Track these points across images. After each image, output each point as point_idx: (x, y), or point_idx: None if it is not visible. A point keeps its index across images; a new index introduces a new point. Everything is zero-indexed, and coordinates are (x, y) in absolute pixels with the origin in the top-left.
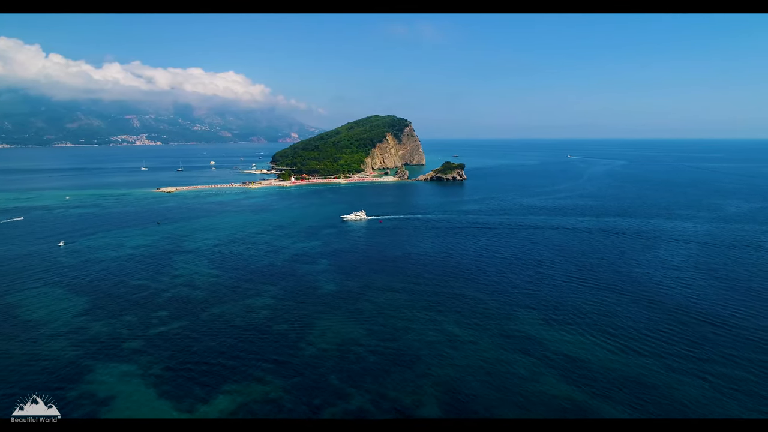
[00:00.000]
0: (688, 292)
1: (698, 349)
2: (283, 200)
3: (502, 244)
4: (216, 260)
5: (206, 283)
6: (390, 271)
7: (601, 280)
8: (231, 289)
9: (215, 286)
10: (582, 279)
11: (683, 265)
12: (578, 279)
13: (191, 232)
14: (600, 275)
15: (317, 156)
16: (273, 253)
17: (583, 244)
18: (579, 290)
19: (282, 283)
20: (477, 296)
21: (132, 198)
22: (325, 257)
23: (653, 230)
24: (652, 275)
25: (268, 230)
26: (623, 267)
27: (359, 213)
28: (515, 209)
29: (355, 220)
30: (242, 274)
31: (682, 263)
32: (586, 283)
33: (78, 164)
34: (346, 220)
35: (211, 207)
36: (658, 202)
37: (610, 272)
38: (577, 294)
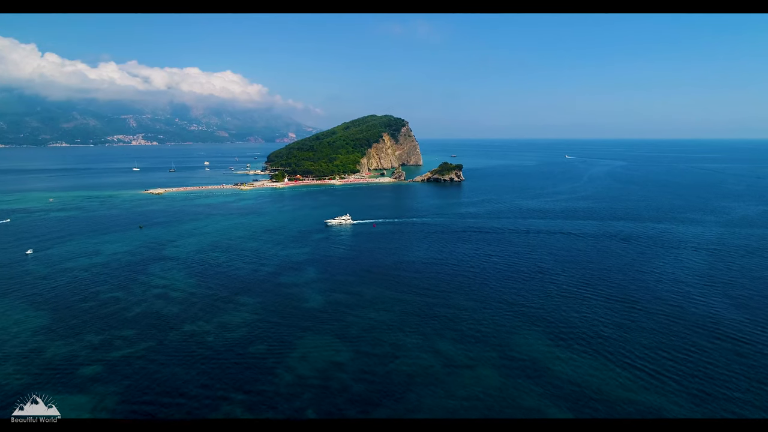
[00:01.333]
0: (705, 308)
1: (723, 378)
2: (275, 203)
3: (501, 250)
4: (196, 269)
5: (182, 295)
6: (381, 281)
7: (610, 293)
8: (207, 303)
9: (191, 299)
10: (589, 291)
11: (697, 277)
12: (585, 291)
13: (174, 237)
14: (608, 286)
15: (312, 156)
16: (257, 261)
17: (588, 250)
18: (586, 304)
19: (264, 295)
20: (475, 311)
21: (118, 200)
22: (312, 266)
23: (660, 235)
24: (665, 287)
25: (255, 235)
26: (632, 277)
27: (344, 217)
28: (515, 212)
29: (340, 225)
30: (222, 285)
31: (695, 274)
32: (593, 296)
33: (69, 164)
34: (331, 224)
35: (198, 210)
36: (663, 205)
37: (619, 283)
38: (585, 309)
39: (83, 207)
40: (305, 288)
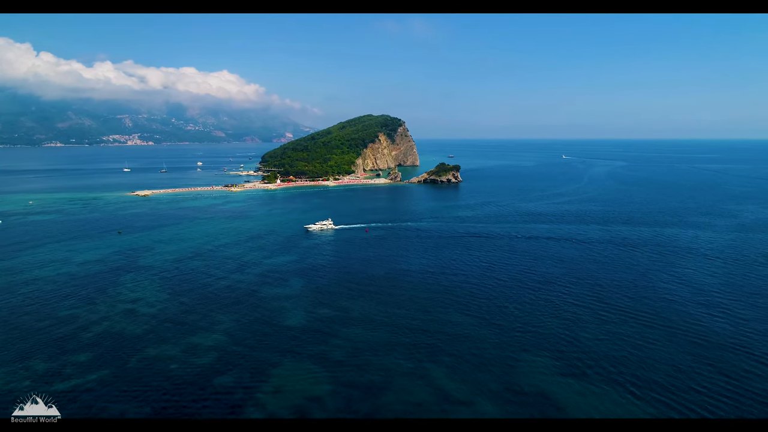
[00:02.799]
0: (730, 327)
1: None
2: (265, 205)
3: (502, 258)
4: (170, 280)
5: (150, 312)
6: (371, 295)
7: (623, 309)
8: (177, 322)
9: (160, 316)
10: (598, 307)
11: (716, 289)
12: (593, 307)
13: (153, 243)
14: (620, 301)
15: (306, 157)
16: (239, 270)
17: (595, 259)
18: (596, 322)
19: (241, 311)
20: (474, 331)
21: (102, 203)
22: (298, 276)
23: (670, 242)
24: (681, 301)
25: (240, 241)
26: (645, 291)
27: (325, 222)
28: (514, 216)
29: (321, 230)
30: (197, 299)
31: (714, 286)
32: (603, 312)
33: (59, 165)
34: (311, 230)
35: (184, 213)
36: (668, 208)
37: (632, 298)
38: (595, 328)
39: (64, 210)
40: (287, 302)
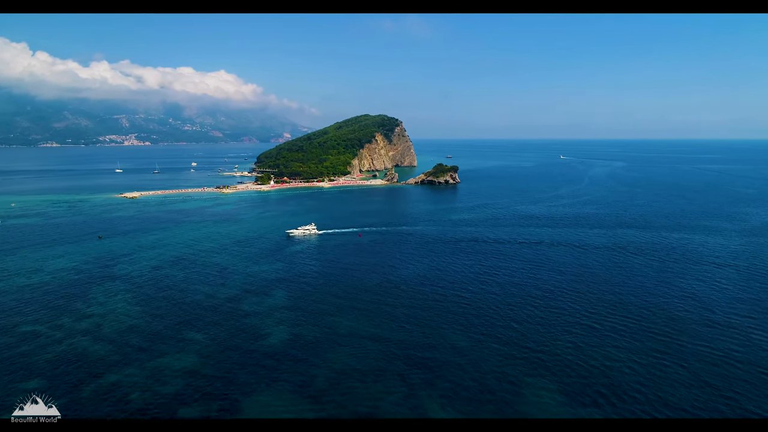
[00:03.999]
0: (753, 348)
1: None
2: (255, 208)
3: (502, 266)
4: (145, 292)
5: (118, 329)
6: (360, 309)
7: (635, 326)
8: (146, 341)
9: (128, 334)
10: (606, 324)
11: (733, 303)
12: (601, 324)
13: (133, 249)
14: (628, 318)
15: (301, 157)
16: (220, 280)
17: (601, 268)
18: (605, 342)
19: (218, 328)
20: (472, 352)
21: (87, 205)
22: (283, 286)
23: (678, 248)
24: (695, 319)
25: (225, 247)
26: (655, 306)
27: (308, 226)
28: (515, 219)
29: (303, 235)
30: (171, 314)
31: (731, 299)
32: (614, 330)
33: (51, 166)
34: (293, 235)
35: (170, 216)
36: (673, 211)
37: (642, 314)
38: (605, 349)
39: (46, 213)
40: (269, 318)
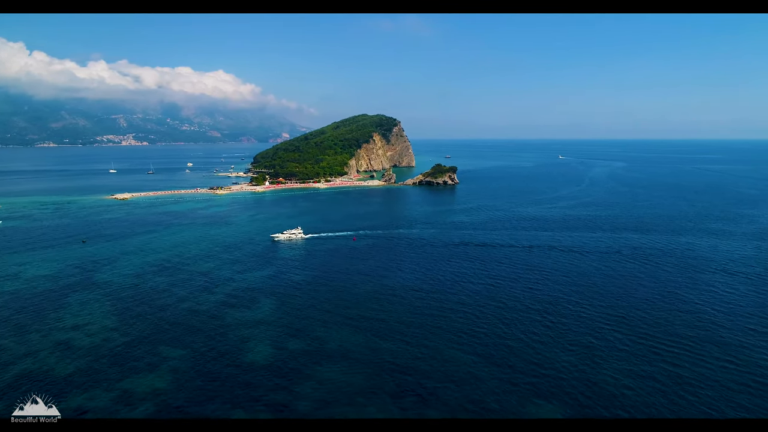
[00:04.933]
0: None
1: None
2: (248, 210)
3: (502, 274)
4: (124, 302)
5: (89, 344)
6: (351, 321)
7: (643, 341)
8: (118, 357)
9: (99, 350)
10: (616, 338)
11: (753, 318)
12: (610, 339)
13: (117, 255)
14: (639, 331)
15: (298, 158)
16: (205, 289)
17: (606, 274)
18: (615, 358)
19: (197, 343)
20: (470, 370)
21: (75, 207)
22: (270, 296)
23: (686, 253)
24: (711, 331)
25: (213, 253)
26: (667, 317)
27: (294, 231)
28: (515, 222)
29: (289, 240)
30: (149, 327)
31: (744, 309)
32: (622, 346)
33: (45, 166)
34: (278, 239)
35: (160, 219)
36: (678, 213)
37: (652, 326)
38: (616, 366)
39: (31, 215)
40: (253, 331)
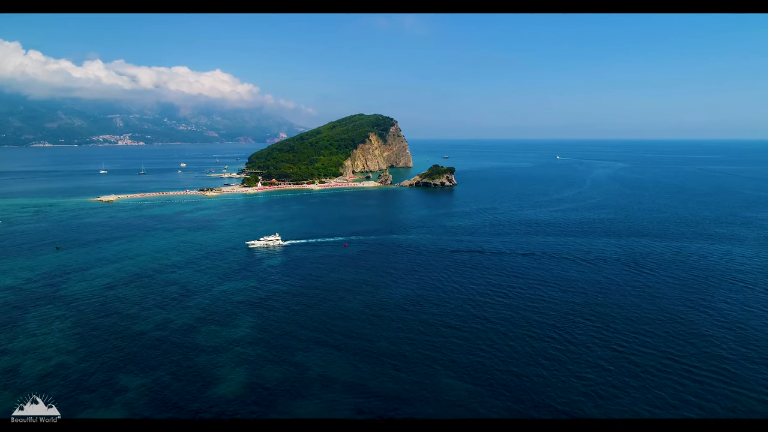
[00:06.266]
0: None
1: None
2: (236, 213)
3: (502, 286)
4: (88, 319)
5: (40, 370)
6: (337, 342)
7: (665, 372)
8: (68, 388)
9: (49, 379)
10: (630, 369)
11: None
12: (626, 370)
13: (91, 263)
14: (658, 361)
15: (292, 158)
16: (179, 302)
17: (615, 289)
18: (633, 395)
19: (161, 369)
20: (468, 403)
21: (57, 210)
22: (250, 311)
23: (700, 261)
24: (735, 362)
25: (193, 260)
26: (687, 340)
27: (271, 237)
28: (515, 226)
29: (266, 248)
30: (109, 349)
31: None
32: (633, 374)
33: (36, 167)
34: (254, 247)
35: (143, 223)
36: (685, 216)
37: (673, 354)
38: (632, 405)
39: (9, 219)
40: (226, 355)
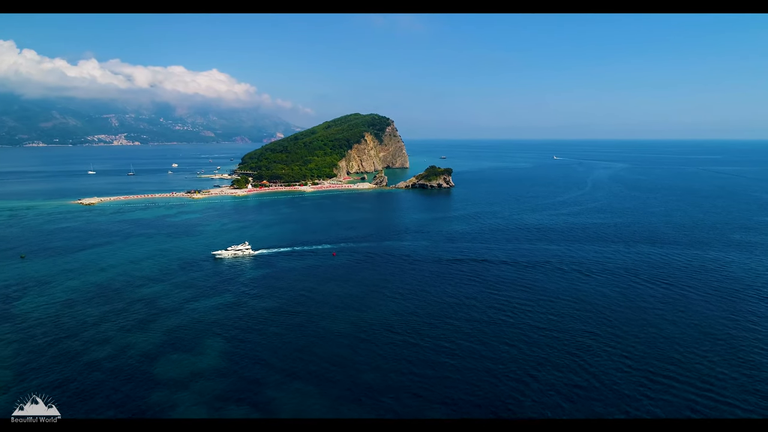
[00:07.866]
0: None
1: None
2: (222, 217)
3: (505, 303)
4: (34, 342)
5: None
6: (315, 374)
7: (695, 409)
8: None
9: None
10: (653, 402)
11: None
12: (648, 407)
13: (55, 274)
14: (685, 397)
15: (285, 159)
16: (144, 323)
17: (631, 305)
18: None
19: (103, 411)
20: None
21: (34, 214)
22: (219, 335)
23: (719, 272)
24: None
25: (167, 272)
26: (720, 371)
27: (240, 246)
28: (516, 232)
29: (234, 257)
30: (49, 381)
31: None
32: (649, 411)
33: (24, 167)
34: (220, 257)
35: (121, 228)
36: (697, 221)
37: (704, 389)
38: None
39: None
40: (184, 392)
